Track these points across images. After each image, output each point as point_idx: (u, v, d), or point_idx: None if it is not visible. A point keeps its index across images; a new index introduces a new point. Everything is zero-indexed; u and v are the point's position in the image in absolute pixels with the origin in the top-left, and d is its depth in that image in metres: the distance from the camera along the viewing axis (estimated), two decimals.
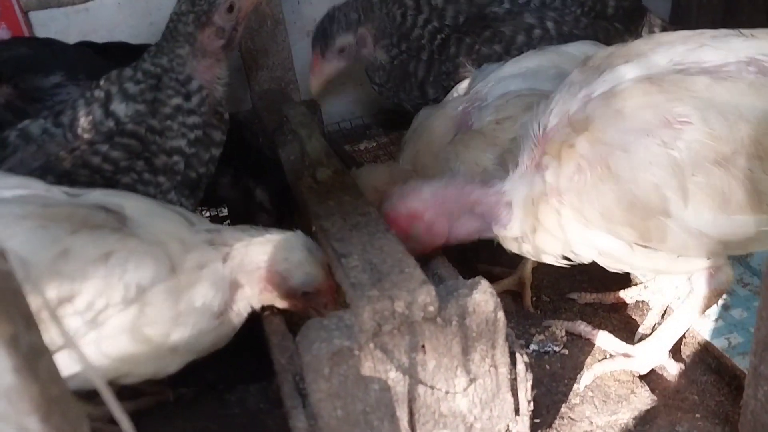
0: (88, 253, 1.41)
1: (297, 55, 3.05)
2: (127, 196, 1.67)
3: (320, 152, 1.85)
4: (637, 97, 1.50)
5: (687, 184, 1.45)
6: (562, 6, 2.58)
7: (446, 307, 1.39)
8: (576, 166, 1.55)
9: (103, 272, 1.41)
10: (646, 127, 1.47)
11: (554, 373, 1.87)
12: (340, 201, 1.74)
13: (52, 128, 1.86)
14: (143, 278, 1.45)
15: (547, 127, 1.66)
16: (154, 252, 1.48)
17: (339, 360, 1.35)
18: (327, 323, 1.39)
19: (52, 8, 2.79)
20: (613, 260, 1.68)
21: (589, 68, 1.69)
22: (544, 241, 1.69)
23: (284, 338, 1.63)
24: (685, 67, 1.52)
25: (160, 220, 1.60)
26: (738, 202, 1.46)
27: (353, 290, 1.39)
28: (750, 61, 1.49)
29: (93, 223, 1.45)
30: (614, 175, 1.49)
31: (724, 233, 1.51)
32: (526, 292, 2.17)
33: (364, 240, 1.55)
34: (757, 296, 2.08)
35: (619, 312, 2.11)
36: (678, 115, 1.45)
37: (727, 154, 1.43)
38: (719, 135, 1.42)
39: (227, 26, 1.91)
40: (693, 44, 1.56)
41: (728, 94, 1.44)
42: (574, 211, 1.58)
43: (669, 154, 1.44)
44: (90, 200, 1.54)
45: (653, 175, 1.46)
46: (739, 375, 1.83)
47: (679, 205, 1.47)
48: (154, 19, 2.95)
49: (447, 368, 1.44)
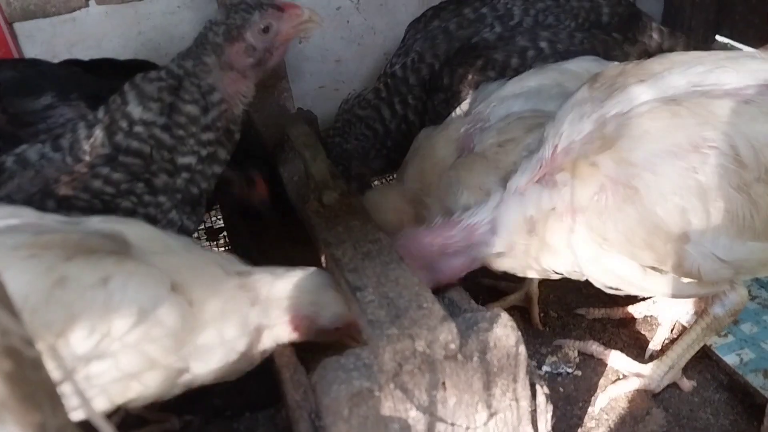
0: (85, 279, 1.35)
1: (289, 62, 2.99)
2: (129, 222, 1.61)
3: (326, 174, 1.81)
4: (666, 119, 1.47)
5: (709, 209, 1.43)
6: (556, 22, 2.49)
7: (467, 343, 1.35)
8: (599, 185, 1.51)
9: (103, 297, 1.35)
10: (675, 150, 1.44)
11: (568, 395, 1.85)
12: (348, 226, 1.70)
13: (51, 153, 1.79)
14: (145, 301, 1.39)
15: (558, 148, 1.62)
16: (154, 274, 1.43)
17: (359, 401, 1.31)
18: (345, 362, 1.35)
19: (37, 18, 2.70)
20: (624, 282, 1.65)
21: (599, 87, 1.65)
22: (556, 259, 1.66)
23: (296, 372, 1.58)
24: (705, 89, 1.49)
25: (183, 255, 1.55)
26: (754, 229, 1.44)
27: (371, 328, 1.35)
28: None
29: (87, 247, 1.39)
30: (640, 197, 1.46)
31: (737, 258, 1.49)
32: (534, 308, 2.15)
33: (378, 271, 1.51)
34: (766, 309, 2.07)
35: (627, 327, 2.09)
36: (706, 139, 1.42)
37: (749, 181, 1.41)
38: (745, 161, 1.40)
39: (259, 46, 1.83)
40: (710, 65, 1.53)
41: (754, 120, 1.42)
42: (591, 231, 1.55)
43: (696, 178, 1.42)
44: (86, 227, 1.48)
45: (681, 199, 1.43)
46: (752, 392, 1.83)
47: (701, 230, 1.44)
48: (142, 29, 2.88)
49: (468, 404, 1.40)
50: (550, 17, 2.49)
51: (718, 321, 1.72)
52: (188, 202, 1.88)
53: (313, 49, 3.15)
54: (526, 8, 2.50)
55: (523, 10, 2.50)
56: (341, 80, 3.26)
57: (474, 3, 2.56)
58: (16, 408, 0.67)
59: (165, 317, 1.42)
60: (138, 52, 2.89)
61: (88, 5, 2.76)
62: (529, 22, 2.47)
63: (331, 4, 3.09)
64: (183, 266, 1.49)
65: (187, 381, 1.53)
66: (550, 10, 2.51)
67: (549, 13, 2.50)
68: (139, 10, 2.84)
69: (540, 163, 1.64)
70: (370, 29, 3.19)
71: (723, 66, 1.52)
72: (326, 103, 3.26)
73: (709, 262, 1.49)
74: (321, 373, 1.34)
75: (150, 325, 1.40)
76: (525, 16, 2.49)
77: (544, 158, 1.63)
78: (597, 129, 1.55)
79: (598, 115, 1.58)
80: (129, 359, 1.40)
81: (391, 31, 3.12)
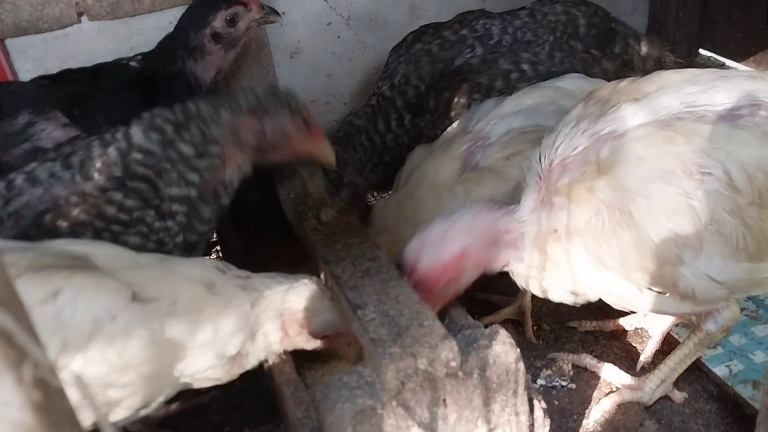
0: (31, 296, 1.33)
1: (281, 77, 3.02)
2: (97, 244, 1.61)
3: (323, 192, 1.83)
4: (661, 146, 1.50)
5: (703, 233, 1.47)
6: (535, 37, 2.53)
7: (467, 360, 1.39)
8: (595, 209, 1.54)
9: (52, 312, 1.34)
10: (669, 176, 1.48)
11: (563, 408, 1.88)
12: (347, 244, 1.72)
13: (60, 171, 1.78)
14: (99, 312, 1.38)
15: (553, 162, 1.65)
16: (108, 284, 1.42)
17: (362, 419, 1.33)
18: (348, 380, 1.37)
19: (29, 35, 2.70)
20: (620, 300, 1.68)
21: (593, 104, 1.69)
22: (554, 277, 1.69)
23: (297, 389, 1.60)
24: (697, 110, 1.53)
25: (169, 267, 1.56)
26: (747, 250, 1.48)
27: (374, 346, 1.37)
28: (761, 104, 1.51)
29: (39, 264, 1.38)
30: (635, 222, 1.50)
31: (731, 279, 1.52)
32: (527, 321, 2.18)
33: (378, 289, 1.54)
34: (753, 321, 2.12)
35: (619, 340, 2.13)
36: (700, 165, 1.46)
37: (742, 205, 1.45)
38: (738, 186, 1.44)
39: (270, 137, 1.86)
40: (703, 85, 1.57)
41: (746, 145, 1.45)
42: (588, 253, 1.58)
43: (689, 203, 1.45)
44: (46, 249, 1.48)
45: (674, 224, 1.47)
46: (742, 403, 1.87)
47: (695, 253, 1.48)
48: (134, 44, 2.88)
49: (468, 420, 1.43)
50: (528, 33, 2.54)
51: (710, 337, 1.76)
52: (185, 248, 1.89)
53: (305, 63, 3.17)
54: (504, 27, 2.55)
55: (502, 29, 2.54)
56: (332, 94, 3.29)
57: (453, 25, 2.61)
58: None
59: (125, 325, 1.41)
60: None
61: (81, 21, 2.76)
62: (508, 40, 2.51)
63: (322, 20, 3.12)
64: (154, 278, 1.50)
65: (176, 381, 1.53)
66: (527, 26, 2.55)
67: (527, 29, 2.55)
68: (132, 25, 2.84)
69: (538, 180, 1.67)
70: (361, 44, 3.22)
71: (715, 86, 1.56)
72: (318, 117, 3.23)
73: (703, 283, 1.53)
74: (324, 392, 1.36)
75: (110, 334, 1.39)
76: (504, 35, 2.53)
77: (542, 174, 1.67)
78: (591, 147, 1.59)
79: (591, 132, 1.62)
80: (94, 369, 1.40)
81: (381, 46, 3.14)
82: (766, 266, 1.51)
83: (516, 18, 2.57)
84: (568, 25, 2.57)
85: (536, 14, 2.57)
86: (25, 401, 0.66)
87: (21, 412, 0.66)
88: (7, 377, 0.65)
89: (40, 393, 0.68)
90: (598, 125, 1.62)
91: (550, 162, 1.66)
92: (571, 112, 1.73)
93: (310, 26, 3.11)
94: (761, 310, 2.14)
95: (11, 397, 0.66)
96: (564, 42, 2.56)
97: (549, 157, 1.67)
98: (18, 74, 2.76)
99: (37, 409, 0.67)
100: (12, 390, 0.65)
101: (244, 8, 2.33)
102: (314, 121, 1.95)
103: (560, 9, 2.58)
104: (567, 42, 2.56)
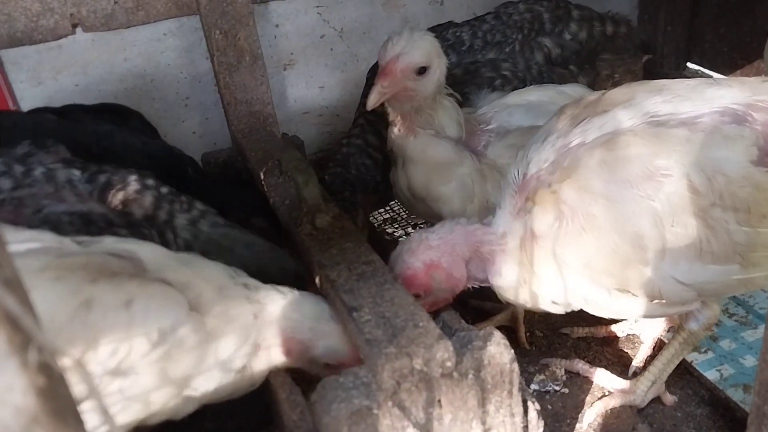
0: (109, 302, 1.38)
1: (274, 89, 3.04)
2: (140, 243, 1.63)
3: (318, 198, 1.84)
4: (621, 149, 1.52)
5: (666, 234, 1.48)
6: (503, 38, 2.59)
7: (462, 361, 1.40)
8: (558, 212, 1.56)
9: (126, 319, 1.38)
10: (630, 178, 1.49)
11: (556, 413, 1.89)
12: (342, 249, 1.73)
13: (81, 184, 1.79)
14: (165, 323, 1.42)
15: (527, 175, 1.67)
16: (174, 296, 1.46)
17: (358, 419, 1.34)
18: (343, 381, 1.38)
19: (23, 46, 2.71)
20: (593, 306, 1.69)
21: (564, 118, 1.71)
22: (542, 287, 1.70)
23: (292, 392, 1.60)
24: (662, 119, 1.55)
25: (194, 266, 1.58)
26: (712, 252, 1.49)
27: (369, 347, 1.38)
28: (724, 110, 1.52)
29: (110, 270, 1.43)
30: (597, 224, 1.51)
31: (698, 281, 1.54)
32: (520, 327, 2.19)
33: (373, 291, 1.55)
34: (743, 326, 2.14)
35: (611, 345, 2.15)
36: (659, 167, 1.47)
37: (704, 206, 1.46)
38: (698, 188, 1.45)
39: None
40: (669, 95, 1.59)
41: (706, 147, 1.47)
42: (553, 257, 1.59)
43: (651, 205, 1.47)
44: (103, 248, 1.51)
45: (635, 226, 1.49)
46: (733, 407, 1.88)
47: (658, 254, 1.50)
48: (128, 56, 2.91)
49: (463, 421, 1.44)
50: (497, 35, 2.61)
51: (693, 335, 1.78)
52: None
53: (298, 76, 3.21)
54: (474, 32, 2.62)
55: (471, 34, 2.61)
56: (325, 106, 3.32)
57: None
58: (47, 423, 0.69)
59: (184, 337, 1.45)
60: (124, 78, 2.92)
61: (75, 32, 2.78)
62: (479, 44, 2.58)
63: (315, 32, 3.16)
64: (195, 278, 1.52)
65: (199, 397, 1.54)
66: (495, 28, 2.63)
67: (495, 31, 2.62)
68: (126, 37, 2.87)
69: (513, 192, 1.70)
70: (353, 57, 3.26)
71: (680, 96, 1.58)
72: (310, 128, 3.32)
73: (670, 285, 1.54)
74: (320, 392, 1.36)
75: (170, 345, 1.44)
76: (474, 39, 2.60)
77: (516, 186, 1.69)
78: (561, 158, 1.61)
79: (561, 145, 1.64)
80: (148, 378, 1.43)
81: (373, 58, 3.14)
82: (734, 268, 1.52)
83: (483, 22, 2.66)
84: (534, 22, 2.66)
85: (502, 16, 2.66)
86: (29, 385, 0.66)
87: (25, 396, 0.66)
88: (12, 361, 0.65)
89: (44, 378, 0.69)
90: (568, 137, 1.64)
91: (523, 175, 1.68)
92: (544, 126, 1.75)
93: (303, 38, 3.15)
94: (751, 315, 2.17)
95: (15, 381, 0.66)
96: (532, 39, 2.64)
97: (522, 171, 1.69)
98: (12, 85, 2.77)
99: (41, 394, 0.68)
100: (16, 374, 0.66)
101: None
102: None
103: (523, 8, 2.68)
104: (535, 39, 2.64)
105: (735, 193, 1.46)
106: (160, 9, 2.86)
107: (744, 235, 1.49)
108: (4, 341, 0.65)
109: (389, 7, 3.24)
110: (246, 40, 2.81)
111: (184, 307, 1.47)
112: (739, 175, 1.46)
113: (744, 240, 1.49)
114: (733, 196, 1.46)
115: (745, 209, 1.47)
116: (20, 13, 2.65)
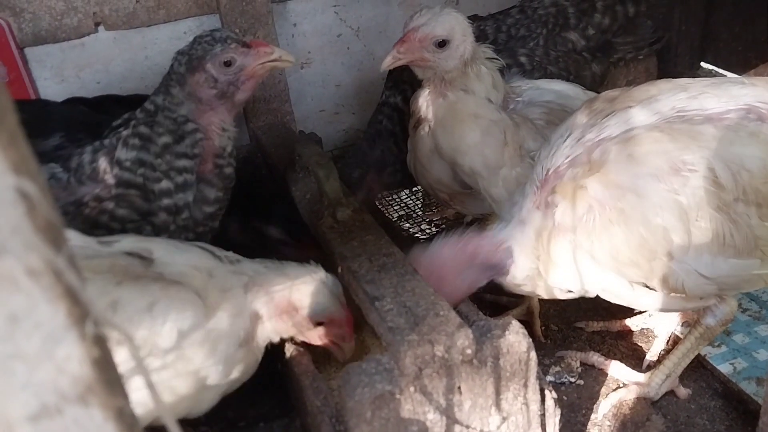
0: (135, 304, 1.45)
1: (292, 87, 3.09)
2: (153, 240, 1.70)
3: (339, 192, 1.88)
4: (649, 144, 1.56)
5: (691, 228, 1.52)
6: (528, 32, 2.59)
7: (482, 349, 1.43)
8: (587, 206, 1.60)
9: (149, 321, 1.43)
10: (657, 173, 1.53)
11: (572, 403, 1.93)
12: (363, 241, 1.78)
13: (60, 173, 1.85)
14: (183, 325, 1.48)
15: (551, 170, 1.71)
16: (192, 299, 1.52)
17: (381, 404, 1.38)
18: (366, 367, 1.42)
19: (47, 44, 2.77)
20: (614, 296, 1.73)
21: (592, 112, 1.74)
22: (559, 277, 1.74)
23: (315, 379, 1.65)
24: (687, 115, 1.59)
25: (186, 256, 1.64)
26: (735, 246, 1.53)
27: (392, 334, 1.42)
28: (750, 108, 1.57)
29: (134, 273, 1.50)
30: (625, 217, 1.55)
31: (719, 275, 1.57)
32: (536, 321, 2.23)
33: (395, 282, 1.59)
34: (757, 321, 2.17)
35: (625, 339, 2.18)
36: (686, 162, 1.51)
37: (728, 201, 1.50)
38: (723, 183, 1.49)
39: (221, 79, 1.84)
40: (694, 92, 1.63)
41: (731, 143, 1.51)
42: (581, 249, 1.63)
43: (677, 199, 1.51)
44: (122, 248, 1.57)
45: (662, 219, 1.53)
46: (746, 399, 1.91)
47: (683, 248, 1.53)
48: (149, 53, 2.96)
49: (482, 407, 1.48)
50: (521, 29, 2.61)
51: (710, 331, 1.81)
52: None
53: (315, 74, 3.25)
54: (498, 26, 2.61)
55: (495, 29, 2.61)
56: (341, 104, 3.36)
57: None
58: (101, 392, 0.74)
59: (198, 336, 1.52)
60: (145, 75, 2.97)
61: (98, 31, 2.83)
62: (503, 38, 2.58)
63: (332, 32, 3.20)
64: (192, 268, 1.60)
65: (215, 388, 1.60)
66: (520, 23, 2.62)
67: (520, 26, 2.62)
68: (147, 35, 2.92)
69: (535, 188, 1.73)
70: (370, 55, 3.30)
71: (705, 92, 1.62)
72: (326, 126, 3.36)
73: (692, 278, 1.58)
74: (344, 378, 1.40)
75: (186, 346, 1.52)
76: (498, 33, 2.59)
77: (539, 181, 1.72)
78: (585, 153, 1.65)
79: (587, 139, 1.67)
80: (165, 375, 1.50)
81: None
82: (755, 263, 1.55)
83: (508, 16, 2.65)
84: (558, 17, 2.65)
85: (526, 10, 2.65)
86: (85, 356, 0.71)
87: (82, 366, 0.71)
88: (72, 332, 0.70)
89: (99, 350, 0.73)
90: (593, 132, 1.67)
91: (546, 171, 1.72)
92: (568, 120, 1.78)
93: (320, 37, 3.19)
94: (764, 310, 2.19)
95: (74, 351, 0.70)
96: (557, 34, 2.63)
97: (545, 166, 1.73)
98: (36, 82, 2.83)
99: (96, 364, 0.72)
100: (75, 344, 0.70)
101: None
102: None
103: (548, 2, 2.67)
104: (560, 34, 2.64)
105: (758, 188, 1.50)
106: (181, 8, 2.90)
107: (765, 230, 1.52)
108: (64, 314, 0.69)
109: (405, 6, 3.28)
110: (264, 39, 2.86)
111: (201, 310, 1.54)
112: (763, 171, 1.50)
113: (765, 235, 1.52)
114: (756, 191, 1.50)
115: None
116: (45, 11, 2.70)
